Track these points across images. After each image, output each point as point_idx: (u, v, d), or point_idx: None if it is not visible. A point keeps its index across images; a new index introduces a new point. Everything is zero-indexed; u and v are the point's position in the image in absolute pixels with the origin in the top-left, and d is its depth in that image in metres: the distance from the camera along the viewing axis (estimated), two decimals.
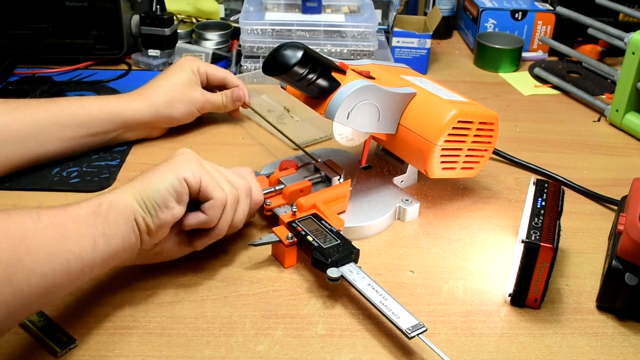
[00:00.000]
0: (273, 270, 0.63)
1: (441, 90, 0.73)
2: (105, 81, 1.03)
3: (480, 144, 0.71)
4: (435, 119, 0.67)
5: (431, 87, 0.73)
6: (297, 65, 0.61)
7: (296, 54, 0.61)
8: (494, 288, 0.62)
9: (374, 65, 0.75)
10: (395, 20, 1.16)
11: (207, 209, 0.59)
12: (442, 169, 0.69)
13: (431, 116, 0.68)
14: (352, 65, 0.71)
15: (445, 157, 0.68)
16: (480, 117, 0.69)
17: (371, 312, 0.58)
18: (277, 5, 1.08)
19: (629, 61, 0.91)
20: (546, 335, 0.57)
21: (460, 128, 0.67)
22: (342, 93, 0.64)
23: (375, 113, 0.67)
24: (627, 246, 0.56)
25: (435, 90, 0.72)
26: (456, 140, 0.68)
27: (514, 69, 1.15)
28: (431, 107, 0.68)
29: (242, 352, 0.54)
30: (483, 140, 0.71)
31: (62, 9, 1.05)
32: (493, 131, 0.72)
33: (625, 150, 0.90)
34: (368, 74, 0.69)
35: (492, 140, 0.72)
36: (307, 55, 0.62)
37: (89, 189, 0.75)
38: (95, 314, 0.57)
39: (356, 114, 0.65)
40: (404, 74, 0.76)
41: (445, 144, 0.67)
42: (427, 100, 0.69)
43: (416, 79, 0.75)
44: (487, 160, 0.74)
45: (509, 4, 1.22)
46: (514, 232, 0.70)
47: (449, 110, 0.67)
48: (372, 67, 0.74)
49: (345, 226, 0.66)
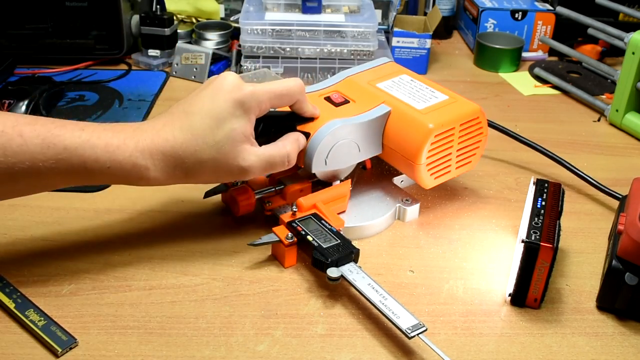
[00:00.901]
0: (273, 270, 0.63)
1: (419, 93, 0.71)
2: (105, 81, 1.03)
3: (470, 140, 0.70)
4: (412, 139, 0.66)
5: (408, 90, 0.72)
6: (260, 135, 0.61)
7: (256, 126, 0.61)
8: (494, 288, 0.62)
9: (348, 80, 0.74)
10: (395, 20, 1.16)
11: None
12: (435, 178, 0.69)
13: (408, 136, 0.67)
14: (321, 90, 0.72)
15: (434, 168, 0.68)
16: (460, 119, 0.68)
17: (371, 312, 0.58)
18: (277, 5, 1.08)
19: (629, 61, 0.91)
20: (546, 335, 0.57)
21: (441, 138, 0.67)
22: (313, 145, 0.65)
23: (354, 146, 0.67)
24: (627, 246, 0.56)
25: (410, 97, 0.71)
26: (441, 150, 0.68)
27: (514, 69, 1.15)
28: (406, 125, 0.67)
29: (242, 352, 0.54)
30: (471, 136, 0.70)
31: (62, 9, 1.05)
32: (480, 124, 0.70)
33: (625, 150, 0.90)
34: (341, 99, 0.70)
35: (481, 131, 0.71)
36: (266, 124, 0.62)
37: (89, 189, 0.75)
38: (95, 313, 0.57)
39: (334, 156, 0.66)
40: (383, 77, 0.75)
41: (429, 159, 0.67)
42: (401, 117, 0.68)
43: (394, 81, 0.74)
44: (484, 149, 0.73)
45: (509, 4, 1.22)
46: (514, 232, 0.70)
47: (424, 127, 0.66)
48: (347, 83, 0.74)
49: (345, 226, 0.66)
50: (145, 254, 0.65)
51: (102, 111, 0.94)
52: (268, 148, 0.61)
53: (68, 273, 0.61)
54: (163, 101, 0.98)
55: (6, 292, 0.58)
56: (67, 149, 0.55)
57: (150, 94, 0.99)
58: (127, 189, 0.74)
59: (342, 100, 0.71)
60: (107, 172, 0.56)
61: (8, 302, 0.57)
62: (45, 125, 0.55)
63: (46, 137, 0.54)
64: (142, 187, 0.59)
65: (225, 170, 0.59)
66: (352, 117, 0.67)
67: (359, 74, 0.76)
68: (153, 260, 0.64)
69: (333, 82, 0.75)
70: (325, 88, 0.74)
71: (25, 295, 0.58)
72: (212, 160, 0.58)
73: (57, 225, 0.68)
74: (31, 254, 0.64)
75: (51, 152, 0.54)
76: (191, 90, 0.61)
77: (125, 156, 0.56)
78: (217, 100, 0.58)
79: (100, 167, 0.56)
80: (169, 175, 0.58)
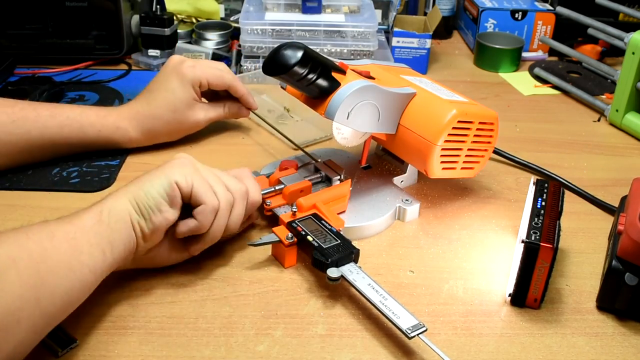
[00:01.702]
0: (273, 270, 0.63)
1: (441, 90, 0.73)
2: (105, 81, 1.03)
3: (481, 144, 0.71)
4: (435, 119, 0.67)
5: (431, 87, 0.73)
6: (297, 65, 0.61)
7: (296, 54, 0.61)
8: (494, 288, 0.62)
9: (374, 65, 0.75)
10: (395, 20, 1.16)
11: (198, 214, 0.58)
12: (442, 169, 0.69)
13: (431, 116, 0.68)
14: (352, 66, 0.71)
15: (445, 157, 0.68)
16: (481, 117, 0.69)
17: (371, 312, 0.58)
18: (277, 5, 1.08)
19: (629, 61, 0.91)
20: (546, 335, 0.57)
21: (460, 128, 0.67)
22: (342, 93, 0.64)
23: (375, 113, 0.67)
24: (627, 246, 0.56)
25: (435, 90, 0.72)
26: (456, 140, 0.68)
27: (514, 69, 1.15)
28: (431, 107, 0.68)
29: (242, 352, 0.54)
30: (483, 140, 0.71)
31: (62, 9, 1.05)
32: (493, 131, 0.72)
33: (625, 150, 0.90)
34: (368, 74, 0.69)
35: (492, 140, 0.72)
36: (307, 55, 0.62)
37: (89, 189, 0.75)
38: (96, 314, 0.57)
39: (356, 114, 0.65)
40: (404, 74, 0.76)
41: (445, 144, 0.67)
42: (427, 100, 0.69)
43: (416, 79, 0.75)
44: (487, 161, 0.74)
45: (509, 4, 1.22)
46: (514, 232, 0.70)
47: (449, 110, 0.67)
48: (372, 67, 0.74)
49: (345, 226, 0.66)
50: None
51: None
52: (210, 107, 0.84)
53: None
54: None
55: None
56: (69, 118, 0.76)
57: None
58: None
59: (369, 75, 0.70)
60: (99, 135, 0.77)
61: None
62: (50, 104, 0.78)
63: (53, 110, 0.76)
64: None
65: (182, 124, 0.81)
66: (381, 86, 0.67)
67: (381, 65, 0.76)
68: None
69: (357, 63, 0.75)
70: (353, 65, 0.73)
71: None
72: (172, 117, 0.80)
73: None
74: None
75: (57, 120, 0.75)
76: None
77: (111, 121, 0.78)
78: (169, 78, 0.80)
79: (93, 130, 0.77)
80: (143, 132, 0.80)
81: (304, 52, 0.61)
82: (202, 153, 0.83)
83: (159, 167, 0.59)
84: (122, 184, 0.57)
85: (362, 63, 0.75)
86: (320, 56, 0.64)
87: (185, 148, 0.84)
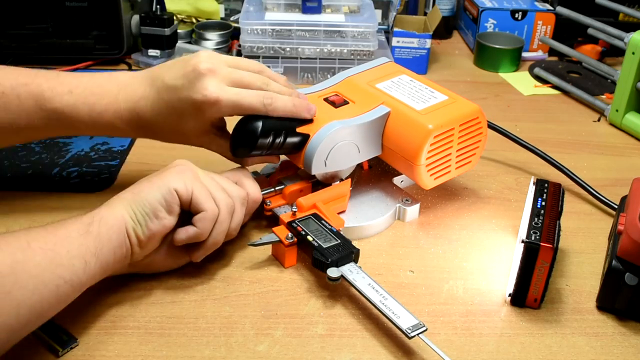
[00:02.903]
0: (273, 270, 0.63)
1: (418, 93, 0.71)
2: None
3: (470, 140, 0.70)
4: (411, 140, 0.66)
5: (407, 91, 0.72)
6: (260, 137, 0.62)
7: (256, 126, 0.62)
8: (494, 288, 0.62)
9: (348, 80, 0.74)
10: (395, 20, 1.16)
11: (198, 222, 0.58)
12: (435, 179, 0.69)
13: (407, 137, 0.67)
14: (321, 91, 0.72)
15: (434, 169, 0.68)
16: (460, 119, 0.68)
17: (371, 312, 0.58)
18: (277, 5, 1.08)
19: (629, 61, 0.91)
20: (546, 335, 0.57)
21: (441, 139, 0.67)
22: (312, 147, 0.65)
23: (353, 148, 0.68)
24: (627, 246, 0.56)
25: (411, 96, 0.71)
26: (440, 151, 0.68)
27: (514, 69, 1.15)
28: (406, 126, 0.67)
29: (242, 352, 0.54)
30: (471, 136, 0.70)
31: (62, 9, 1.05)
32: (480, 124, 0.70)
33: (625, 150, 0.90)
34: (340, 100, 0.70)
35: (481, 131, 0.71)
36: (265, 123, 0.62)
37: (89, 189, 0.75)
38: (96, 314, 0.57)
39: (334, 157, 0.66)
40: (383, 76, 0.75)
41: (429, 159, 0.67)
42: (401, 118, 0.68)
43: (394, 82, 0.74)
44: (483, 149, 0.73)
45: (509, 4, 1.22)
46: (514, 232, 0.70)
47: (424, 127, 0.66)
48: (346, 84, 0.74)
49: (345, 226, 0.66)
50: None
51: None
52: None
53: None
54: None
55: None
56: (56, 111, 0.64)
57: None
58: None
59: (342, 101, 0.71)
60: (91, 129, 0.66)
61: None
62: (40, 86, 0.63)
63: (38, 99, 0.63)
64: None
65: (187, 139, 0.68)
66: (351, 118, 0.67)
67: (358, 74, 0.76)
68: None
69: (332, 82, 0.75)
70: (325, 89, 0.74)
71: None
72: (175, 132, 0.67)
73: None
74: None
75: (43, 112, 0.64)
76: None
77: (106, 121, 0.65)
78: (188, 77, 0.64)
79: (85, 125, 0.65)
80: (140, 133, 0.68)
81: (262, 122, 0.62)
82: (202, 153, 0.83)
83: (158, 174, 0.58)
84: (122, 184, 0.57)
85: (333, 82, 0.75)
86: (279, 118, 0.64)
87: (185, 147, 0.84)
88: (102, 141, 0.85)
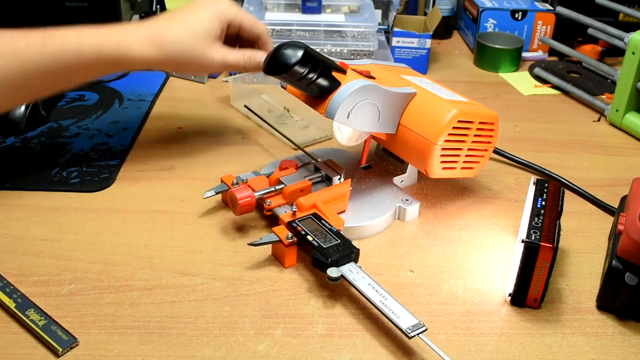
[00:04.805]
0: (273, 270, 0.63)
1: (441, 91, 0.73)
2: (105, 81, 1.03)
3: (481, 144, 0.71)
4: (436, 119, 0.67)
5: (431, 87, 0.73)
6: (298, 64, 0.61)
7: (296, 53, 0.61)
8: (494, 288, 0.62)
9: (374, 65, 0.75)
10: (395, 20, 1.16)
11: None
12: (442, 169, 0.69)
13: (431, 116, 0.68)
14: (353, 65, 0.71)
15: (445, 157, 0.68)
16: (481, 117, 0.69)
17: (371, 312, 0.58)
18: (277, 5, 1.08)
19: (629, 61, 0.91)
20: (546, 335, 0.57)
21: (460, 128, 0.67)
22: (343, 92, 0.64)
23: (375, 113, 0.67)
24: (627, 246, 0.56)
25: (435, 90, 0.72)
26: (456, 140, 0.68)
27: (514, 69, 1.15)
28: (431, 106, 0.68)
29: (242, 352, 0.54)
30: (483, 140, 0.71)
31: (62, 9, 1.05)
32: (493, 131, 0.72)
33: (625, 150, 0.90)
34: (368, 74, 0.70)
35: (492, 140, 0.72)
36: (308, 54, 0.62)
37: (89, 189, 0.75)
38: (95, 313, 0.57)
39: (356, 113, 0.65)
40: (404, 74, 0.76)
41: (446, 144, 0.67)
42: (427, 99, 0.69)
43: (416, 78, 0.75)
44: (487, 161, 0.74)
45: (509, 4, 1.22)
46: (514, 232, 0.70)
47: (449, 110, 0.67)
48: (373, 67, 0.74)
49: (345, 226, 0.67)
50: (145, 254, 0.65)
51: (102, 111, 0.94)
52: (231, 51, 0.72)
53: (68, 273, 0.62)
54: (163, 101, 0.98)
55: (6, 292, 0.58)
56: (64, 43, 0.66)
57: (150, 93, 0.99)
58: (127, 189, 0.74)
59: (370, 75, 0.70)
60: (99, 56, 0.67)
61: (8, 302, 0.57)
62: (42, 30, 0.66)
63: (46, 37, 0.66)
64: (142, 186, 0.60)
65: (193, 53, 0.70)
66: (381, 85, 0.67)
67: (381, 64, 0.76)
68: (153, 260, 0.64)
69: (357, 63, 0.75)
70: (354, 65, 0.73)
71: (26, 295, 0.58)
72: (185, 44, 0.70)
73: (57, 225, 0.68)
74: (31, 254, 0.64)
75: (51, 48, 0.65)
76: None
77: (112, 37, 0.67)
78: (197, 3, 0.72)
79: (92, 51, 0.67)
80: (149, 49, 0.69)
81: (305, 51, 0.61)
82: (202, 153, 0.83)
83: None
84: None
85: (362, 63, 0.75)
86: (320, 55, 0.64)
87: (184, 148, 0.84)
88: (102, 141, 0.85)
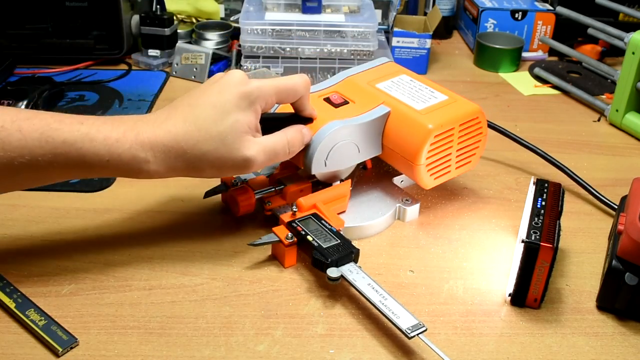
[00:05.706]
0: (273, 270, 0.63)
1: (418, 93, 0.71)
2: (105, 81, 1.03)
3: (470, 140, 0.70)
4: (411, 140, 0.66)
5: (407, 92, 0.72)
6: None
7: None
8: (494, 288, 0.62)
9: (347, 80, 0.74)
10: (395, 20, 1.16)
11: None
12: (435, 179, 0.69)
13: (407, 137, 0.67)
14: (322, 91, 0.72)
15: (434, 169, 0.68)
16: (460, 119, 0.68)
17: (371, 312, 0.58)
18: (277, 5, 1.08)
19: (629, 61, 0.91)
20: (546, 335, 0.57)
21: (440, 139, 0.67)
22: (312, 147, 0.65)
23: (353, 148, 0.67)
24: (627, 246, 0.56)
25: (411, 96, 0.71)
26: (440, 150, 0.68)
27: (514, 69, 1.15)
28: (406, 126, 0.67)
29: (242, 352, 0.54)
30: (471, 136, 0.70)
31: (62, 9, 1.05)
32: (480, 123, 0.70)
33: (625, 150, 0.90)
34: (340, 100, 0.70)
35: (481, 131, 0.71)
36: (266, 125, 0.62)
37: (89, 189, 0.75)
38: (95, 313, 0.57)
39: (333, 157, 0.66)
40: (382, 77, 0.75)
41: (429, 159, 0.67)
42: (401, 117, 0.68)
43: (394, 82, 0.74)
44: (484, 149, 0.73)
45: (509, 4, 1.22)
46: (514, 232, 0.70)
47: (424, 126, 0.65)
48: (346, 83, 0.74)
49: (345, 226, 0.66)
50: (145, 254, 0.65)
51: (102, 111, 0.94)
52: (270, 137, 0.61)
53: (68, 273, 0.62)
54: (163, 101, 0.98)
55: (6, 292, 0.58)
56: (65, 143, 0.55)
57: (150, 94, 1.00)
58: (126, 189, 0.74)
59: (342, 101, 0.71)
60: (106, 166, 0.56)
61: (8, 302, 0.57)
62: (44, 119, 0.55)
63: (44, 131, 0.54)
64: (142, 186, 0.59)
65: (228, 162, 0.58)
66: (351, 118, 0.67)
67: (358, 74, 0.76)
68: (153, 260, 0.64)
69: (332, 82, 0.75)
70: (325, 89, 0.74)
71: (26, 295, 0.58)
72: (215, 151, 0.57)
73: (57, 225, 0.68)
74: (31, 254, 0.64)
75: (49, 146, 0.54)
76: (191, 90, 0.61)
77: (124, 149, 0.56)
78: (224, 93, 0.58)
79: (99, 160, 0.56)
80: (169, 168, 0.58)
81: (262, 118, 0.61)
82: None
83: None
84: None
85: (334, 82, 0.75)
86: (281, 116, 0.64)
87: None
88: None
